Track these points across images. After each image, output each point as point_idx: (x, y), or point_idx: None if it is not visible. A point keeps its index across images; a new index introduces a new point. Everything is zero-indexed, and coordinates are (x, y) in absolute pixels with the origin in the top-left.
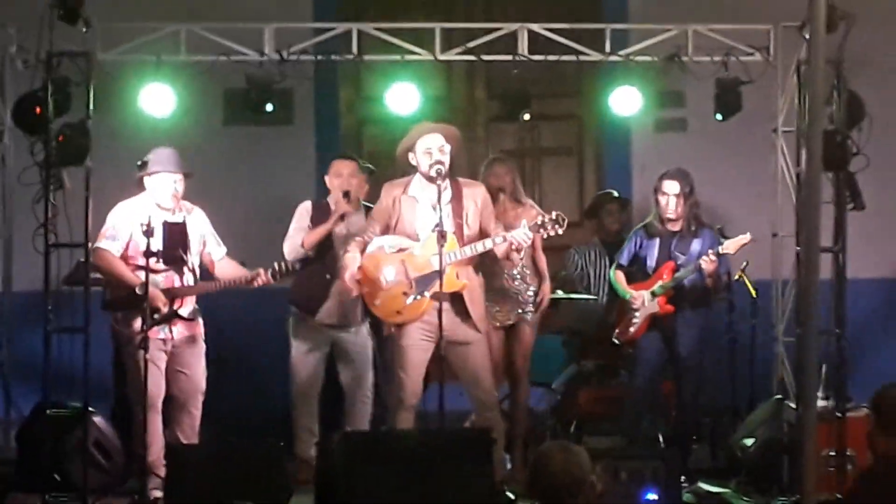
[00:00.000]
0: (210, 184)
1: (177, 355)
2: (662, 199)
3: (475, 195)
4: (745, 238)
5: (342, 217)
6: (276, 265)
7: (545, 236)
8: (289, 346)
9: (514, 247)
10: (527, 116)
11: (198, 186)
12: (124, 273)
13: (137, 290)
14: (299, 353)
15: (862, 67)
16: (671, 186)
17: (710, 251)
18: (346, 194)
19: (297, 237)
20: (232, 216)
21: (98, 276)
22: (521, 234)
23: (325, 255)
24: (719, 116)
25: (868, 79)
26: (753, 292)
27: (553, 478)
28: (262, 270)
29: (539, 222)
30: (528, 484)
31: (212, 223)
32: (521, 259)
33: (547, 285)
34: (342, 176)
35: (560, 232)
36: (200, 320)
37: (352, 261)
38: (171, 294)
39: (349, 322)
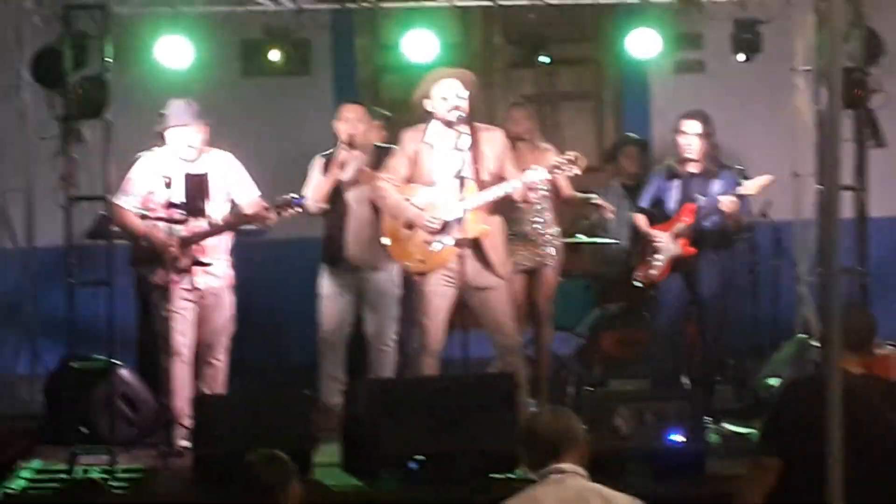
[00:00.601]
0: (228, 135)
1: (203, 306)
2: (682, 140)
3: (493, 140)
4: (764, 179)
5: (342, 165)
6: (279, 198)
7: (562, 176)
8: (314, 295)
9: (530, 187)
10: (546, 59)
11: (215, 137)
12: (135, 226)
13: (142, 242)
14: (326, 300)
15: (880, 3)
16: (692, 126)
17: (730, 192)
18: (352, 143)
19: (312, 194)
20: (251, 167)
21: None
22: (537, 175)
23: (336, 205)
24: (741, 57)
25: (886, 14)
26: None
27: (546, 432)
28: (266, 204)
29: (555, 163)
30: (522, 449)
31: None
32: (538, 199)
33: (600, 202)
34: (348, 120)
35: (577, 172)
36: (230, 272)
37: (398, 202)
38: (185, 241)
39: (376, 264)
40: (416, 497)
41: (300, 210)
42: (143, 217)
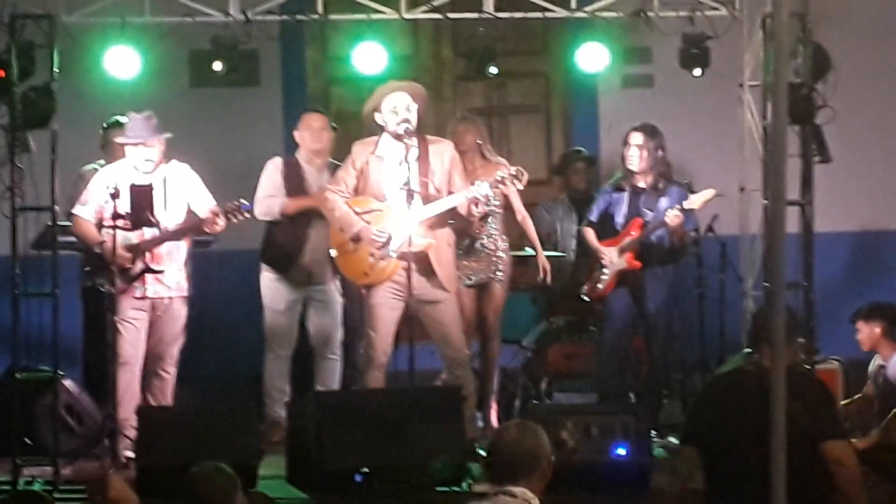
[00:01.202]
0: (177, 146)
1: (154, 316)
2: (627, 151)
3: (442, 153)
4: (709, 193)
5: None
6: (228, 204)
7: (504, 191)
8: (259, 306)
9: (473, 202)
10: (493, 70)
11: (167, 149)
12: (90, 235)
13: (95, 249)
14: (272, 312)
15: (827, 20)
16: (635, 138)
17: (675, 206)
18: (316, 152)
19: (274, 202)
20: (199, 177)
21: (67, 239)
22: (480, 190)
23: (299, 214)
24: (697, 71)
25: (833, 31)
26: None
27: (508, 452)
28: (216, 209)
29: (499, 178)
30: (486, 463)
31: None
32: (482, 214)
33: (541, 255)
34: (313, 129)
35: (520, 187)
36: (185, 283)
37: (347, 215)
38: (136, 249)
39: (320, 279)
40: None
41: (248, 216)
42: (99, 227)
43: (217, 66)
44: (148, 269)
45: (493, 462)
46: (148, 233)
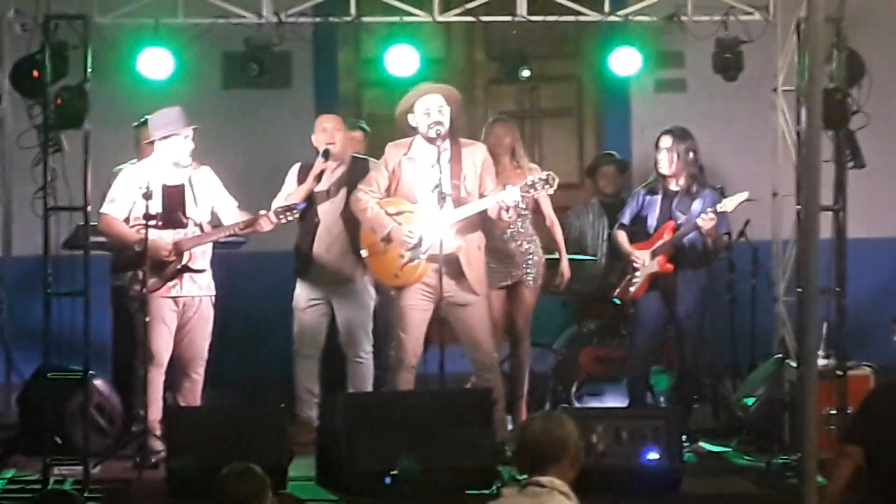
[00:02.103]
0: (208, 148)
1: (184, 318)
2: (658, 155)
3: (475, 156)
4: (742, 196)
5: (318, 177)
6: (276, 206)
7: (535, 196)
8: (289, 308)
9: (503, 207)
10: (526, 73)
11: (196, 150)
12: (125, 233)
13: (136, 247)
14: (299, 312)
15: (862, 25)
16: (665, 141)
17: (708, 209)
18: (326, 154)
19: (284, 201)
20: (230, 180)
21: (98, 239)
22: (510, 195)
23: (307, 214)
24: (732, 76)
25: (868, 36)
26: None
27: (534, 442)
28: (263, 212)
29: (529, 182)
30: (515, 454)
31: None
32: (512, 218)
33: (564, 260)
34: (326, 130)
35: (550, 192)
36: (213, 286)
37: (378, 216)
38: (178, 247)
39: (347, 276)
40: None
41: (297, 215)
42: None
43: (252, 68)
44: (187, 269)
45: (520, 453)
46: (190, 231)
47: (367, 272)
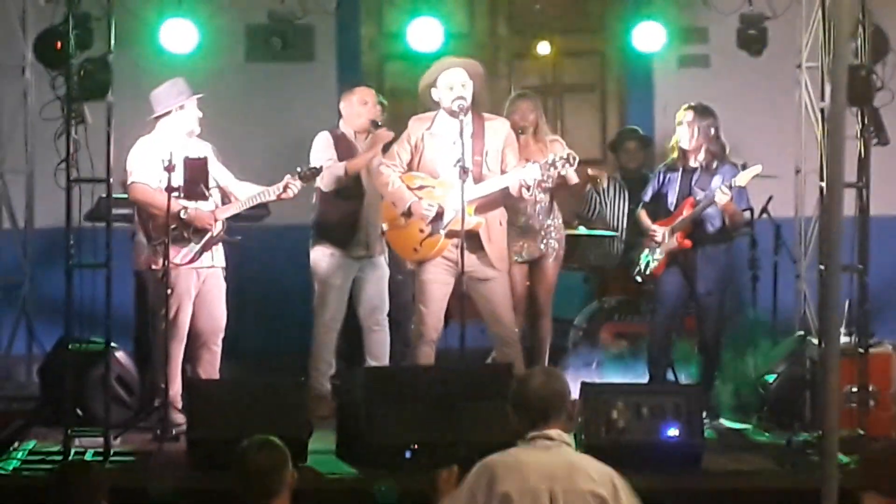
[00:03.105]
0: (231, 120)
1: (204, 290)
2: (678, 129)
3: (498, 131)
4: (756, 169)
5: (386, 146)
6: (299, 168)
7: (553, 176)
8: (306, 281)
9: (524, 185)
10: (544, 48)
11: (219, 122)
12: (163, 201)
13: (182, 215)
14: (327, 286)
15: (887, 2)
16: (686, 115)
17: (724, 184)
18: (376, 124)
19: (336, 167)
20: (253, 152)
21: (121, 211)
22: (531, 173)
23: (352, 187)
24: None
25: (893, 13)
26: None
27: (537, 397)
28: (289, 175)
29: (550, 161)
30: (513, 409)
31: (232, 159)
32: (533, 196)
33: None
34: (368, 104)
35: (571, 172)
36: (223, 258)
37: (400, 190)
38: (214, 215)
39: (374, 251)
40: (410, 486)
41: (314, 176)
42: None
43: (275, 42)
44: (220, 238)
45: (525, 406)
46: (210, 203)
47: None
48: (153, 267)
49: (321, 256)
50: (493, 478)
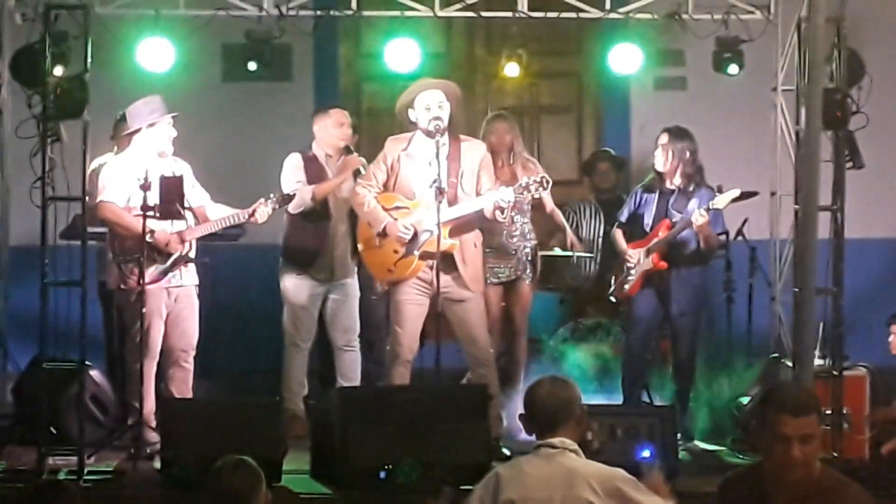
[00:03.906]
0: (208, 139)
1: (175, 308)
2: (655, 151)
3: (474, 153)
4: (734, 193)
5: (355, 174)
6: (271, 195)
7: (528, 198)
8: (279, 300)
9: (498, 207)
10: (513, 70)
11: (195, 141)
12: (132, 222)
13: (148, 238)
14: (294, 307)
15: (862, 25)
16: (662, 138)
17: (701, 207)
18: (349, 148)
19: (305, 190)
20: (229, 172)
21: (96, 230)
22: (504, 195)
23: (320, 210)
24: (734, 69)
25: (868, 37)
26: None
27: (543, 405)
28: (262, 200)
29: (523, 184)
30: (523, 417)
31: (208, 178)
32: (507, 219)
33: (569, 233)
34: (344, 125)
35: (544, 195)
36: (196, 275)
37: (375, 210)
38: (182, 237)
39: (342, 274)
40: None
41: (287, 202)
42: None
43: (251, 66)
44: (188, 258)
45: (531, 415)
46: (190, 222)
47: (358, 267)
48: (122, 286)
49: (287, 278)
50: (498, 486)
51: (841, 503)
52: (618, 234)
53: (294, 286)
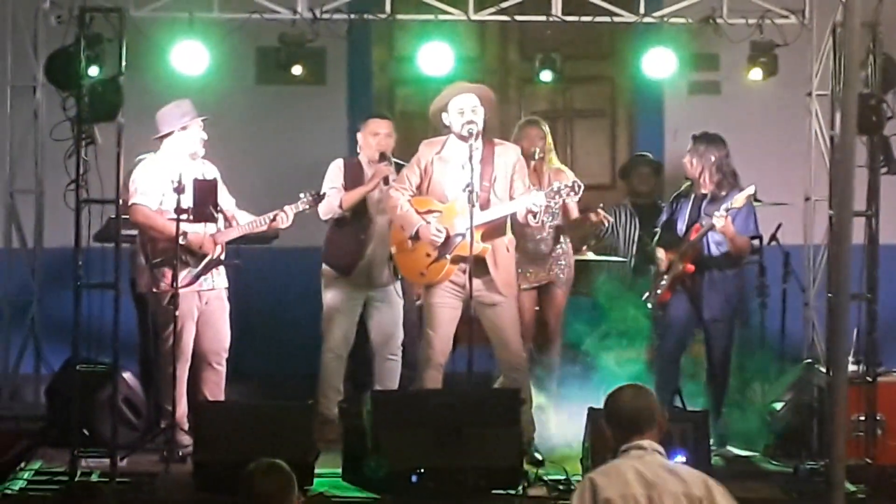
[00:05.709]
0: (241, 143)
1: (207, 311)
2: (683, 159)
3: (507, 157)
4: (749, 190)
5: (386, 180)
6: (304, 194)
7: (559, 203)
8: (318, 305)
9: (531, 211)
10: (547, 76)
11: (228, 145)
12: (165, 225)
13: (182, 241)
14: (332, 312)
15: None
16: (688, 144)
17: (721, 208)
18: (384, 156)
19: (334, 197)
20: (263, 175)
21: (130, 232)
22: (536, 200)
23: (359, 216)
24: (758, 74)
25: None
26: None
27: (631, 409)
28: (286, 207)
29: (555, 189)
30: (606, 420)
31: (241, 182)
32: (539, 223)
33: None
34: (379, 135)
35: (576, 199)
36: (226, 279)
37: (408, 213)
38: (215, 240)
39: (381, 281)
40: None
41: (319, 202)
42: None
43: (296, 70)
44: (220, 261)
45: (616, 419)
46: (221, 225)
47: (398, 273)
48: (154, 290)
49: (326, 282)
50: (595, 488)
51: None
52: (659, 249)
53: (332, 290)
